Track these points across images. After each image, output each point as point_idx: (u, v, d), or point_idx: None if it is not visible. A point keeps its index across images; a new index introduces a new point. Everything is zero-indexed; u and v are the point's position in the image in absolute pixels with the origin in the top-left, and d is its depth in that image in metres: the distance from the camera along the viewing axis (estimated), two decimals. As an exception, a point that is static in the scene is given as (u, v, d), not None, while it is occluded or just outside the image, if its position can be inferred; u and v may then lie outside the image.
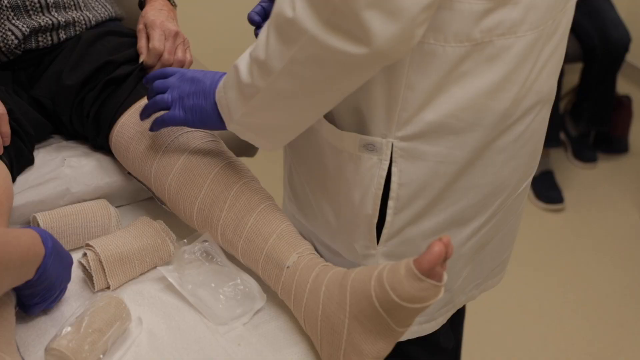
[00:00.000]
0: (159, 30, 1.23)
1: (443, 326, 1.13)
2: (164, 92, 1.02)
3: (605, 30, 2.47)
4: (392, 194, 0.93)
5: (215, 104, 0.96)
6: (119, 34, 1.27)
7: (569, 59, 2.50)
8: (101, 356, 0.93)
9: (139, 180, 1.16)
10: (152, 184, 1.10)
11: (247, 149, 1.37)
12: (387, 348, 0.89)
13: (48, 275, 0.91)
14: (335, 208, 1.01)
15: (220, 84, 0.96)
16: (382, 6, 0.73)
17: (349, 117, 0.94)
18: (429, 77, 0.86)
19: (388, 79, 0.87)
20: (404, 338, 1.03)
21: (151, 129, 1.05)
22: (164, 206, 1.14)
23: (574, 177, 2.67)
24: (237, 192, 1.03)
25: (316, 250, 1.08)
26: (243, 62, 0.90)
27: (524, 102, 0.93)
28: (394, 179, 0.93)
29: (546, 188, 2.52)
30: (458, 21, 0.83)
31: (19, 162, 1.15)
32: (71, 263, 0.99)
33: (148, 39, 1.25)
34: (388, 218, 0.95)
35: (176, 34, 1.25)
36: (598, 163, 2.73)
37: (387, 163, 0.92)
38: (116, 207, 1.19)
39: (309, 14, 0.76)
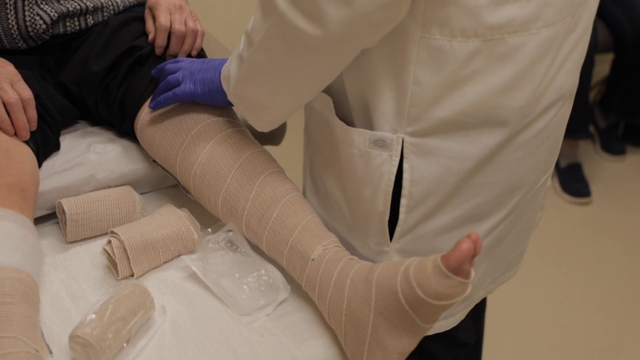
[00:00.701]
0: (163, 7, 1.22)
1: (462, 321, 1.12)
2: (174, 72, 1.09)
3: (637, 20, 2.42)
4: (404, 191, 0.93)
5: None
6: (144, 20, 1.26)
7: (599, 49, 2.45)
8: (125, 345, 0.93)
9: (163, 168, 1.16)
10: (177, 173, 1.10)
11: (271, 137, 1.36)
12: (412, 344, 0.88)
13: None
14: (349, 204, 1.01)
15: (231, 56, 1.01)
16: None
17: (359, 114, 0.94)
18: (437, 73, 0.85)
19: (395, 74, 0.87)
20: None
21: (156, 105, 1.09)
22: (188, 195, 1.14)
23: (602, 169, 2.63)
24: (263, 183, 1.02)
25: None
26: (244, 36, 0.95)
27: (543, 99, 0.91)
28: (405, 176, 0.92)
29: (573, 181, 2.48)
30: (463, 16, 0.81)
31: (45, 147, 1.16)
32: None
33: (154, 20, 1.23)
34: (401, 216, 0.95)
35: (180, 7, 1.23)
36: (627, 156, 2.68)
37: (398, 159, 0.91)
38: (140, 193, 1.19)
39: None
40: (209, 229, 1.07)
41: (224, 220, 1.07)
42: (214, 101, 1.06)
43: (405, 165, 0.91)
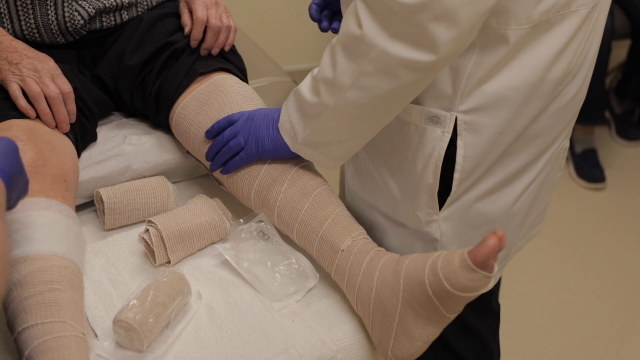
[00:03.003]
0: (200, 2, 1.26)
1: (496, 287, 1.16)
2: (234, 137, 1.08)
3: (656, 6, 2.42)
4: (457, 166, 0.99)
5: None
6: (178, 15, 1.30)
7: (617, 35, 2.46)
8: (165, 329, 0.98)
9: (197, 159, 1.20)
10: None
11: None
12: (436, 332, 0.93)
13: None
14: (398, 180, 1.06)
15: (283, 109, 1.03)
16: (445, 17, 0.80)
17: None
18: (493, 56, 0.92)
19: (457, 60, 0.93)
20: None
21: (227, 171, 1.10)
22: (220, 186, 1.18)
23: (617, 155, 2.65)
24: (294, 176, 1.07)
25: (374, 227, 1.15)
26: (305, 85, 0.99)
27: (575, 69, 0.98)
28: (459, 152, 0.98)
29: (588, 166, 2.51)
30: (519, 6, 0.88)
31: (84, 138, 1.20)
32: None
33: (190, 13, 1.27)
34: (453, 189, 1.01)
35: (216, 3, 1.28)
36: (642, 142, 2.70)
37: (449, 136, 0.97)
38: (173, 182, 1.24)
39: (376, 29, 0.84)
40: (241, 220, 1.12)
41: (256, 211, 1.12)
42: (279, 156, 1.07)
43: (459, 142, 0.98)
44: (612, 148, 2.67)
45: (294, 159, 1.09)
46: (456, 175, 1.00)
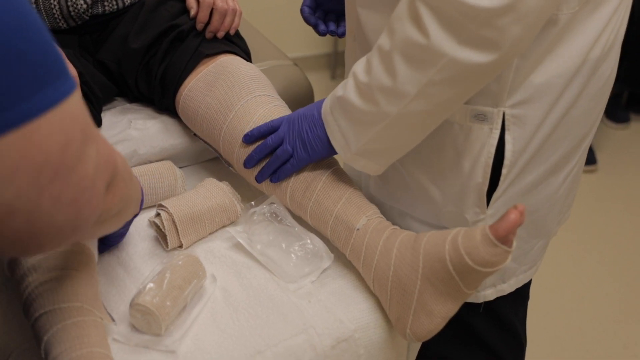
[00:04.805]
0: None
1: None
2: (279, 144, 1.04)
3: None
4: (506, 162, 0.97)
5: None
6: (179, -1, 1.29)
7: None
8: (181, 312, 0.98)
9: (205, 142, 1.20)
10: (220, 147, 1.14)
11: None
12: (454, 308, 0.94)
13: None
14: (440, 184, 1.03)
15: (327, 117, 0.98)
16: (524, 17, 0.77)
17: None
18: (540, 44, 0.90)
19: None
20: (506, 292, 1.11)
21: (278, 179, 1.06)
22: (230, 168, 1.18)
23: (607, 137, 2.68)
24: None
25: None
26: (350, 92, 0.93)
27: (609, 46, 0.96)
28: (508, 147, 0.96)
29: (580, 149, 2.53)
30: None
31: (89, 124, 1.19)
32: None
33: None
34: (500, 185, 0.99)
35: None
36: (630, 124, 2.73)
37: (498, 132, 0.95)
38: (179, 167, 1.23)
39: (445, 37, 0.80)
40: (252, 202, 1.12)
41: (267, 193, 1.12)
42: (328, 156, 1.04)
43: (507, 137, 0.95)
44: (601, 130, 2.70)
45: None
46: (504, 171, 0.97)
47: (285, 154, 1.04)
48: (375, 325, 1.02)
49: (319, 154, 1.02)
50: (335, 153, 1.02)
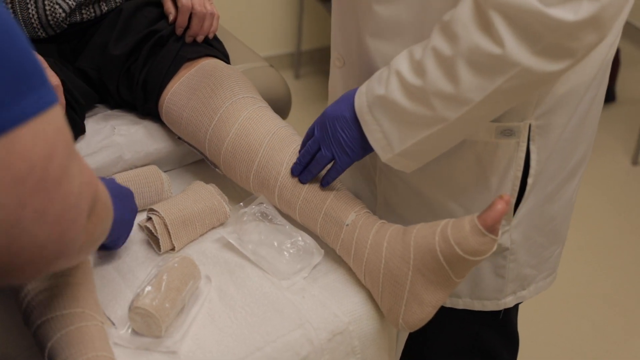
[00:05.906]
0: None
1: None
2: (317, 149, 1.04)
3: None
4: (531, 171, 0.99)
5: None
6: (157, 4, 1.31)
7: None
8: (180, 313, 1.00)
9: (190, 145, 1.21)
10: (206, 149, 1.16)
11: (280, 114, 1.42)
12: (444, 297, 0.98)
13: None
14: (463, 202, 1.04)
15: (366, 117, 0.95)
16: (602, 28, 0.78)
17: None
18: None
19: None
20: (526, 298, 1.13)
21: (327, 184, 1.06)
22: (217, 169, 1.20)
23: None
24: (293, 155, 1.09)
25: None
26: (396, 93, 0.90)
27: (616, 45, 0.99)
28: (533, 156, 0.98)
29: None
30: None
31: (73, 132, 1.17)
32: (132, 194, 1.03)
33: (173, 1, 1.28)
34: (526, 195, 1.01)
35: None
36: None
37: (525, 144, 0.97)
38: (164, 171, 1.24)
39: (520, 47, 0.79)
40: (241, 203, 1.14)
41: (255, 193, 1.14)
42: (365, 155, 1.02)
43: (532, 147, 0.98)
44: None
45: (291, 138, 1.12)
46: (530, 180, 1.00)
47: (324, 159, 1.03)
48: (367, 317, 1.05)
49: (358, 154, 1.01)
50: (372, 151, 0.99)
